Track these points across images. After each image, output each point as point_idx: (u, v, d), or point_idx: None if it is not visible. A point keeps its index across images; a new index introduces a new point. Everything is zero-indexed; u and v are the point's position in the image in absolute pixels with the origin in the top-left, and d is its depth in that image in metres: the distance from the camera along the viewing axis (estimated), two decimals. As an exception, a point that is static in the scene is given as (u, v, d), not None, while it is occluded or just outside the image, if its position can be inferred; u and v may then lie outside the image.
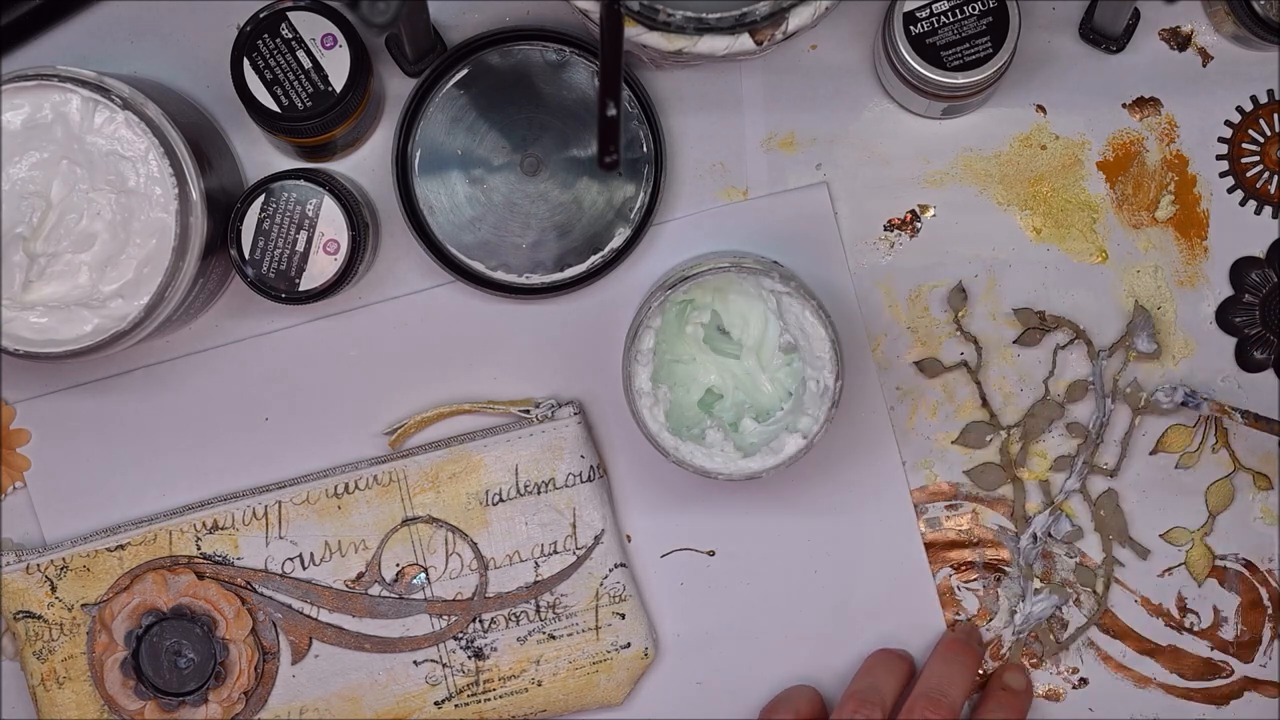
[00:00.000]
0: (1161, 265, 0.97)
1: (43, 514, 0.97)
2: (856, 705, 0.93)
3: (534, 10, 0.95)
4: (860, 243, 0.97)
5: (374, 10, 0.72)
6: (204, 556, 0.95)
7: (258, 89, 0.89)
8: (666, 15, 0.84)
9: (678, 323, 0.93)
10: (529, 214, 0.95)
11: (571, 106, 0.94)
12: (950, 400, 0.98)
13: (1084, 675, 0.99)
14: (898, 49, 0.91)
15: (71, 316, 0.87)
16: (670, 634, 0.98)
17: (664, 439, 0.90)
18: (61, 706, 0.95)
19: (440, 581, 0.96)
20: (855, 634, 0.98)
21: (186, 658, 0.94)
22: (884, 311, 0.97)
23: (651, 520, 0.98)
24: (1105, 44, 0.96)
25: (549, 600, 0.96)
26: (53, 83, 0.86)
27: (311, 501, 0.95)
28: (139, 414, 0.97)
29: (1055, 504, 0.98)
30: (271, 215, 0.90)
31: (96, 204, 0.86)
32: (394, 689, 0.96)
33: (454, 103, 0.94)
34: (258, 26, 0.89)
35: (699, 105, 0.97)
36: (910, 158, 0.97)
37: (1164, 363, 0.97)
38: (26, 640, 0.95)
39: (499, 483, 0.95)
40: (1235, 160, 0.97)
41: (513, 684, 0.96)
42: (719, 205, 0.97)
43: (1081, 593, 0.98)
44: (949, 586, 0.98)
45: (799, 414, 0.90)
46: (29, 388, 0.97)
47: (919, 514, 0.98)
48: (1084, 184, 0.97)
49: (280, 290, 0.91)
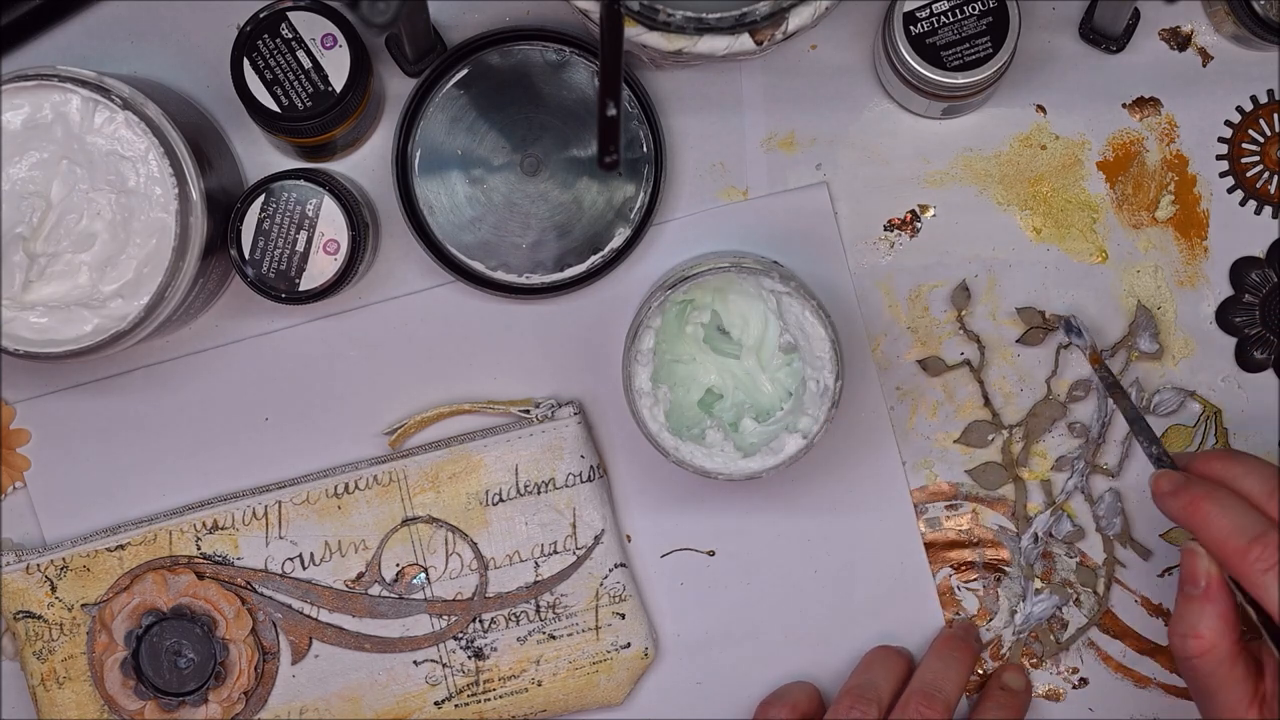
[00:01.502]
0: (1161, 265, 0.97)
1: (43, 514, 0.97)
2: (852, 702, 0.93)
3: (534, 10, 0.95)
4: (860, 243, 0.97)
5: (374, 10, 0.73)
6: (204, 556, 0.95)
7: (258, 89, 0.89)
8: (666, 15, 0.84)
9: (678, 323, 0.93)
10: (529, 214, 0.95)
11: (571, 106, 0.94)
12: (950, 400, 0.98)
13: (1084, 675, 0.99)
14: (898, 49, 0.91)
15: (71, 316, 0.87)
16: (670, 634, 0.98)
17: (664, 439, 0.90)
18: (61, 706, 0.95)
19: (440, 581, 0.96)
20: (855, 634, 0.98)
21: (186, 658, 0.94)
22: (884, 311, 0.97)
23: (651, 520, 0.98)
24: (1105, 44, 0.96)
25: (549, 600, 0.96)
26: (53, 83, 0.86)
27: (311, 501, 0.95)
28: (139, 414, 0.97)
29: (1057, 504, 0.98)
30: (271, 215, 0.90)
31: (96, 204, 0.86)
32: (394, 689, 0.96)
33: (454, 103, 0.94)
34: (258, 26, 0.89)
35: (699, 105, 0.97)
36: (910, 158, 0.97)
37: (1165, 363, 0.97)
38: (26, 640, 0.95)
39: (499, 483, 0.96)
40: (1235, 160, 0.97)
41: (513, 684, 0.96)
42: (719, 205, 0.97)
43: (1082, 593, 0.98)
44: (949, 586, 0.98)
45: (799, 414, 0.90)
46: (29, 388, 0.97)
47: (919, 514, 0.98)
48: (1084, 184, 0.97)
49: (280, 290, 0.91)
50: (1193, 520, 0.85)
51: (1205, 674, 0.84)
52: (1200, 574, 0.84)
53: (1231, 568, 0.83)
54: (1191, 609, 0.84)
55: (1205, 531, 0.84)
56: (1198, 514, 0.85)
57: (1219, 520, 0.84)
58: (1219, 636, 0.84)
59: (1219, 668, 0.84)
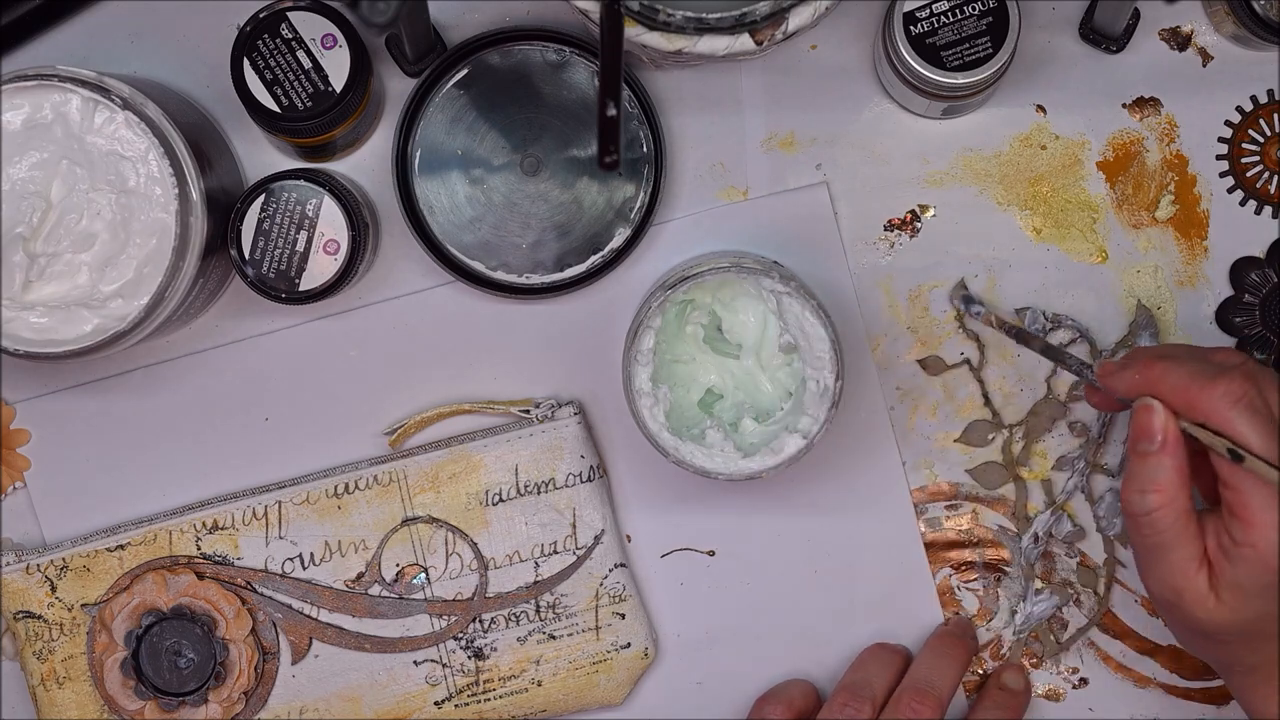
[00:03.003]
0: (1161, 265, 0.97)
1: (43, 514, 0.97)
2: (846, 699, 0.93)
3: (534, 10, 0.95)
4: (860, 243, 0.97)
5: (374, 10, 0.73)
6: (204, 556, 0.95)
7: (258, 89, 0.89)
8: (666, 15, 0.84)
9: (678, 323, 0.93)
10: (529, 214, 0.95)
11: (571, 106, 0.94)
12: (950, 400, 0.98)
13: (1084, 675, 0.99)
14: (898, 49, 0.91)
15: (71, 316, 0.87)
16: (670, 634, 0.98)
17: (664, 439, 0.90)
18: (61, 706, 0.95)
19: (440, 581, 0.96)
20: (855, 634, 0.98)
21: (186, 658, 0.94)
22: (884, 311, 0.97)
23: (651, 520, 0.98)
24: (1105, 44, 0.96)
25: (549, 600, 0.96)
26: (53, 83, 0.86)
27: (311, 501, 0.95)
28: (139, 414, 0.97)
29: (1057, 504, 0.98)
30: (271, 215, 0.90)
31: (96, 204, 0.86)
32: (394, 689, 0.96)
33: (454, 103, 0.94)
34: (258, 26, 0.89)
35: (699, 105, 0.97)
36: (910, 158, 0.97)
37: (1164, 363, 0.97)
38: (26, 640, 0.95)
39: (499, 483, 0.96)
40: (1235, 160, 0.97)
41: (513, 684, 0.96)
42: (719, 205, 0.97)
43: (1082, 593, 0.98)
44: (949, 586, 0.98)
45: (799, 414, 0.90)
46: (29, 388, 0.97)
47: (919, 514, 0.98)
48: (1084, 184, 0.97)
49: (280, 290, 0.91)
50: (1148, 378, 0.85)
51: (1161, 529, 0.84)
52: (1157, 429, 0.84)
53: (1197, 408, 0.83)
54: (1148, 464, 0.84)
55: (1164, 384, 0.84)
56: (1151, 372, 0.85)
57: (1175, 371, 0.84)
58: (1177, 490, 0.84)
59: (1175, 521, 0.84)
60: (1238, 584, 0.83)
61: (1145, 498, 0.84)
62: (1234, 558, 0.83)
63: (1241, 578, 0.83)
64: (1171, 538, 0.84)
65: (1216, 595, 0.84)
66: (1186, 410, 0.84)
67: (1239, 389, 0.82)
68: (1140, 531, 0.85)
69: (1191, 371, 0.84)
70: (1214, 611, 0.84)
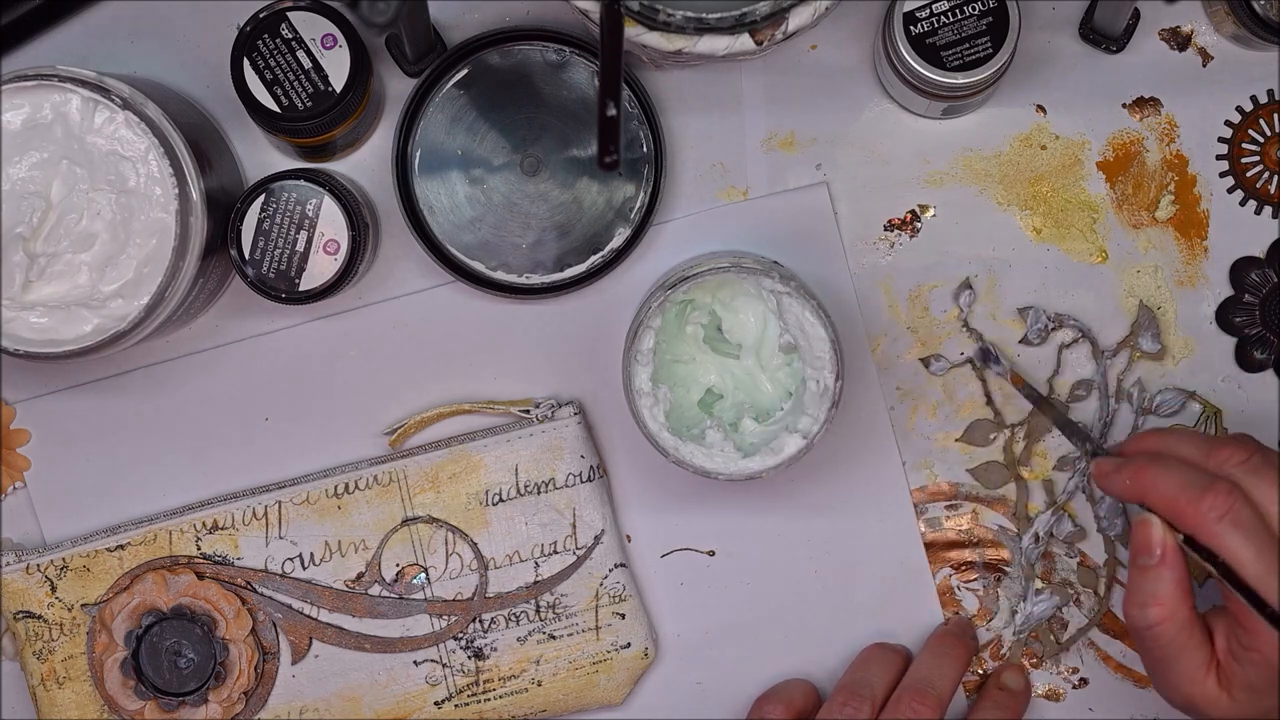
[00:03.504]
0: (1161, 265, 0.97)
1: (43, 514, 0.97)
2: (845, 699, 0.93)
3: (534, 10, 0.95)
4: (860, 243, 0.97)
5: (374, 10, 0.73)
6: (204, 556, 0.95)
7: (258, 89, 0.89)
8: (666, 15, 0.84)
9: (678, 323, 0.93)
10: (529, 214, 0.95)
11: (571, 106, 0.94)
12: (950, 400, 0.98)
13: (1084, 675, 0.99)
14: (898, 49, 0.91)
15: (71, 316, 0.87)
16: (670, 634, 0.98)
17: (664, 439, 0.90)
18: (61, 706, 0.95)
19: (440, 581, 0.96)
20: (855, 634, 0.98)
21: (186, 658, 0.94)
22: (884, 311, 0.97)
23: (651, 520, 0.98)
24: (1105, 44, 0.96)
25: (549, 600, 0.96)
26: (53, 83, 0.86)
27: (311, 501, 0.95)
28: (139, 414, 0.97)
29: (1058, 504, 0.98)
30: (271, 215, 0.90)
31: (96, 204, 0.86)
32: (394, 689, 0.96)
33: (454, 103, 0.94)
34: (258, 26, 0.89)
35: (699, 105, 0.97)
36: (910, 158, 0.97)
37: (1165, 363, 0.97)
38: (26, 640, 0.95)
39: (499, 483, 0.96)
40: (1235, 160, 0.97)
41: (513, 684, 0.96)
42: (719, 205, 0.97)
43: (1082, 593, 0.98)
44: (949, 586, 0.98)
45: (799, 414, 0.90)
46: (29, 388, 0.97)
47: (919, 514, 0.98)
48: (1084, 184, 0.97)
49: (280, 290, 0.91)
50: (1139, 487, 0.85)
51: (1165, 641, 0.85)
52: (1155, 542, 0.85)
53: (1185, 522, 0.84)
54: (1148, 577, 0.85)
55: (1154, 494, 0.85)
56: (1143, 480, 0.85)
57: (1165, 481, 0.85)
58: (1177, 603, 0.85)
59: (1179, 634, 0.85)
60: (1250, 684, 0.84)
61: (1146, 612, 0.85)
62: (1244, 660, 0.84)
63: (1253, 679, 0.84)
64: (1176, 649, 0.85)
65: (1229, 695, 0.84)
66: (1177, 523, 0.84)
67: (1224, 504, 0.83)
68: (1145, 644, 0.86)
69: (1181, 483, 0.84)
70: (1228, 710, 0.84)
